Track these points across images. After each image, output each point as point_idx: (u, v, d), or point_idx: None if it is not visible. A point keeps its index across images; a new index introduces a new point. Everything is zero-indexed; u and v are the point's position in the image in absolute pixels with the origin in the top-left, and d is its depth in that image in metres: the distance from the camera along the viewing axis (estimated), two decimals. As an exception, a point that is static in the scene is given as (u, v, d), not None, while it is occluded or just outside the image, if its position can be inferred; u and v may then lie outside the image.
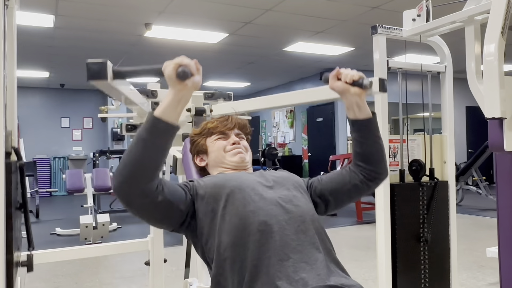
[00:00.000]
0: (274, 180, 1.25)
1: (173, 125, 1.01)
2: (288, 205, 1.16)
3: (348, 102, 1.20)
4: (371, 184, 1.26)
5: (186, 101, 1.03)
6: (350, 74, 1.15)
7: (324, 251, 1.12)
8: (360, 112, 1.21)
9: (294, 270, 1.04)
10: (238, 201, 1.14)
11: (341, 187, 1.27)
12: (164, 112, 1.00)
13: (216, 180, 1.22)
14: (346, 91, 1.17)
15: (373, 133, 1.24)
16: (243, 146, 1.37)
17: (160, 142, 1.01)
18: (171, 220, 1.14)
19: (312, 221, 1.16)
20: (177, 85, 0.99)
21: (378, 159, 1.25)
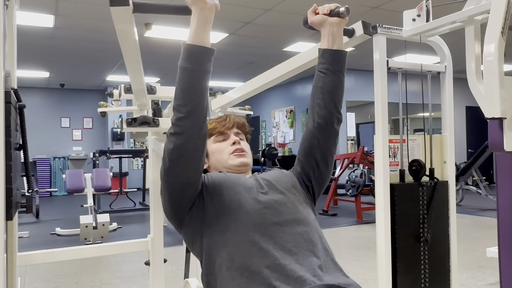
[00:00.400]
0: (269, 183, 1.25)
1: (206, 47, 1.06)
2: (282, 208, 1.16)
3: (324, 31, 1.26)
4: (326, 132, 1.27)
5: (211, 22, 1.07)
6: (327, 6, 1.22)
7: (321, 252, 1.12)
8: (334, 42, 1.25)
9: (290, 270, 1.04)
10: (234, 203, 1.14)
11: (307, 150, 1.28)
12: (194, 37, 1.05)
13: (215, 179, 1.22)
14: (324, 21, 1.23)
15: (340, 66, 1.27)
16: (243, 147, 1.36)
17: (200, 67, 1.06)
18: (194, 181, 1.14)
19: (308, 223, 1.16)
20: (200, 3, 1.03)
21: (336, 96, 1.27)
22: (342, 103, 1.32)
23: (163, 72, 8.76)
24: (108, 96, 2.23)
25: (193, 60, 1.05)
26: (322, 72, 1.27)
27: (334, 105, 1.28)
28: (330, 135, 1.29)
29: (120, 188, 7.24)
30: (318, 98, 1.27)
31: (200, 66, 1.06)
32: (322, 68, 1.27)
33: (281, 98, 11.09)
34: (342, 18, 1.20)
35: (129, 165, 10.75)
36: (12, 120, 0.99)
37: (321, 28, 1.23)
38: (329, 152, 1.31)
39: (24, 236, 5.34)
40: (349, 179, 6.74)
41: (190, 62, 1.05)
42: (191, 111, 1.06)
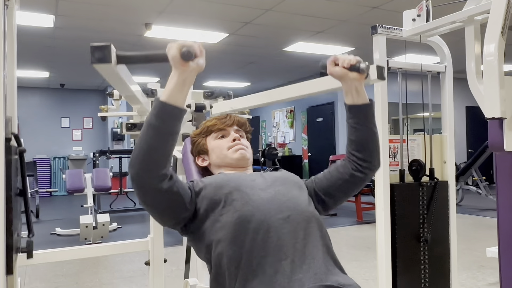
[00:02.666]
0: (273, 180, 1.26)
1: (180, 108, 1.02)
2: (286, 204, 1.16)
3: (346, 87, 1.22)
4: (362, 176, 1.26)
5: (191, 83, 1.03)
6: (347, 59, 1.17)
7: (322, 249, 1.12)
8: (358, 97, 1.22)
9: (291, 269, 1.04)
10: (236, 201, 1.14)
11: (333, 184, 1.27)
12: (170, 95, 1.00)
13: (216, 180, 1.22)
14: (345, 76, 1.18)
15: (369, 119, 1.24)
16: (244, 143, 1.37)
17: (169, 127, 1.01)
18: (176, 214, 1.14)
19: (311, 219, 1.16)
20: (180, 66, 0.98)
21: (371, 148, 1.25)
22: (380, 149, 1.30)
23: (163, 72, 8.76)
24: (108, 96, 2.23)
25: (163, 118, 1.00)
26: (353, 127, 1.25)
27: (375, 156, 1.27)
28: (362, 184, 1.29)
29: (120, 188, 7.24)
30: (354, 151, 1.25)
31: (169, 126, 1.01)
32: (352, 123, 1.24)
33: (281, 98, 11.09)
34: (362, 74, 1.18)
35: (129, 165, 10.74)
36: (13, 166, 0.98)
37: (341, 81, 1.21)
38: (351, 195, 1.33)
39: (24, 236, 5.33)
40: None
41: (159, 119, 1.00)
42: (150, 170, 1.02)
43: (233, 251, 1.08)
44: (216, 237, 1.12)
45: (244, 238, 1.08)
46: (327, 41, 6.64)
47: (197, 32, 6.05)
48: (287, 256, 1.06)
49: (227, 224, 1.11)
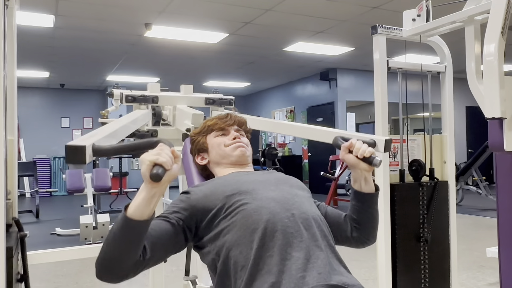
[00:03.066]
0: (276, 179, 1.26)
1: (146, 221, 1.00)
2: (290, 203, 1.16)
3: (356, 175, 1.25)
4: (358, 245, 1.32)
5: (161, 195, 1.02)
6: (361, 150, 1.19)
7: (327, 249, 1.12)
8: (366, 186, 1.26)
9: (296, 268, 1.04)
10: (240, 202, 1.14)
11: (334, 229, 1.28)
12: (136, 210, 0.98)
13: (217, 183, 1.22)
14: (356, 166, 1.21)
15: (373, 206, 1.29)
16: (244, 142, 1.38)
17: (133, 237, 1.00)
18: (173, 251, 1.14)
19: (315, 219, 1.16)
20: (150, 184, 0.97)
21: (371, 229, 1.30)
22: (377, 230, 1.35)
23: (163, 72, 8.76)
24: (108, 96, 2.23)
25: (128, 232, 0.99)
26: (356, 209, 1.28)
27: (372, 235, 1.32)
28: (355, 247, 1.34)
29: (120, 188, 7.24)
30: (354, 227, 1.29)
31: (133, 238, 1.00)
32: (356, 205, 1.28)
33: (281, 98, 11.09)
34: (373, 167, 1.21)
35: (129, 165, 10.75)
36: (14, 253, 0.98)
37: (352, 169, 1.24)
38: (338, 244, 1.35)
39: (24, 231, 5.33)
40: (349, 179, 6.74)
41: (125, 233, 0.99)
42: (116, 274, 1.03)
43: (240, 252, 1.08)
44: (222, 240, 1.12)
45: (250, 238, 1.08)
46: (327, 41, 6.64)
47: (197, 32, 6.06)
48: (292, 256, 1.06)
49: (233, 226, 1.11)
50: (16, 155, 1.44)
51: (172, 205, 1.19)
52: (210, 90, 2.47)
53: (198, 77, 9.41)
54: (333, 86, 9.06)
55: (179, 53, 7.09)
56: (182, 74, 8.98)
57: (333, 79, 8.97)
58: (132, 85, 2.73)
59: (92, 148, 0.98)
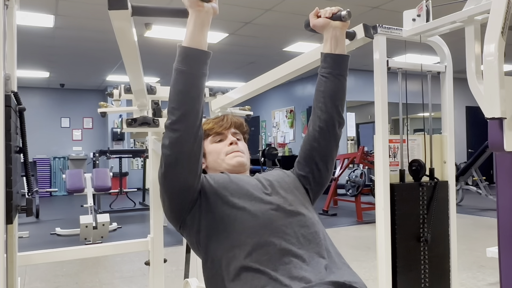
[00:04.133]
0: (271, 184, 1.25)
1: (203, 50, 1.05)
2: (288, 209, 1.16)
3: (327, 35, 1.26)
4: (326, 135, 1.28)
5: (208, 25, 1.05)
6: (328, 9, 1.22)
7: (326, 253, 1.12)
8: (337, 47, 1.26)
9: (295, 272, 1.04)
10: (239, 204, 1.13)
11: (308, 152, 1.28)
12: (191, 39, 1.04)
13: (219, 180, 1.22)
14: (327, 25, 1.23)
15: (342, 71, 1.27)
16: (240, 147, 1.35)
17: (196, 70, 1.05)
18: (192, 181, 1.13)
19: (312, 223, 1.16)
20: (197, 7, 1.01)
21: (337, 100, 1.27)
22: (344, 106, 1.32)
23: (163, 72, 8.76)
24: (108, 96, 2.23)
25: (190, 62, 1.04)
26: (324, 77, 1.27)
27: (336, 109, 1.28)
28: (331, 139, 1.29)
29: (120, 188, 7.24)
30: (320, 102, 1.27)
31: (196, 69, 1.05)
32: (324, 72, 1.27)
33: (281, 98, 11.09)
34: (344, 22, 1.21)
35: (129, 165, 10.75)
36: (12, 123, 0.99)
37: (323, 31, 1.24)
38: (330, 155, 1.31)
39: (24, 236, 5.34)
40: (349, 179, 6.74)
41: (186, 64, 1.04)
42: (186, 114, 1.05)
43: (234, 255, 1.07)
44: (217, 241, 1.11)
45: (245, 242, 1.08)
46: (327, 41, 6.63)
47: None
48: (291, 261, 1.05)
49: (229, 228, 1.11)
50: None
51: None
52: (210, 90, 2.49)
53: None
54: (333, 86, 9.04)
55: (179, 53, 7.07)
56: (182, 74, 8.96)
57: (333, 79, 8.95)
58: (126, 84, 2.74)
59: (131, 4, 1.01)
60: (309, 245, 1.10)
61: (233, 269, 1.06)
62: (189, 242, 1.22)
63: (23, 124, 1.23)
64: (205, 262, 1.15)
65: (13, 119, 1.03)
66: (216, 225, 1.13)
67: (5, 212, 0.94)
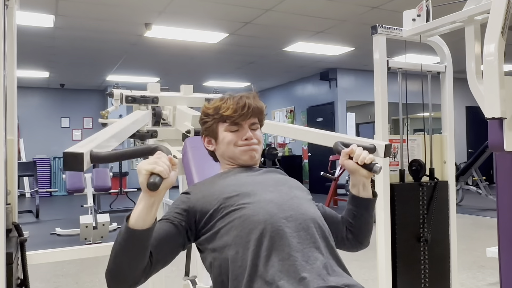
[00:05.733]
0: (275, 180, 1.25)
1: (148, 229, 1.02)
2: (289, 204, 1.16)
3: (355, 180, 1.27)
4: (352, 248, 1.35)
5: (160, 202, 1.04)
6: (362, 156, 1.21)
7: (326, 250, 1.12)
8: (364, 192, 1.28)
9: (294, 270, 1.04)
10: (238, 203, 1.14)
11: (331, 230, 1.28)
12: (138, 220, 1.00)
13: (216, 183, 1.22)
14: (356, 172, 1.23)
15: (370, 212, 1.30)
16: (256, 139, 1.30)
17: (139, 247, 1.03)
18: (179, 251, 1.16)
19: (314, 219, 1.16)
20: (148, 193, 0.99)
21: (365, 233, 1.32)
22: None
23: (163, 72, 8.76)
24: (108, 96, 2.23)
25: (132, 242, 1.02)
26: (352, 213, 1.30)
27: (366, 239, 1.34)
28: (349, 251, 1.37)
29: (120, 188, 7.24)
30: (349, 230, 1.32)
31: (138, 247, 1.03)
32: (352, 209, 1.30)
33: (281, 98, 11.10)
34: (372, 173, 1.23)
35: (129, 165, 10.75)
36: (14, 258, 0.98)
37: (352, 174, 1.27)
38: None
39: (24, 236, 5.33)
40: (349, 179, 6.73)
41: (129, 243, 1.02)
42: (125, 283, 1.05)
43: (236, 253, 1.08)
44: (220, 241, 1.12)
45: (248, 239, 1.08)
46: (327, 41, 6.64)
47: (197, 32, 6.06)
48: (290, 256, 1.06)
49: (230, 226, 1.11)
50: (16, 155, 1.43)
51: (173, 206, 1.19)
52: (210, 90, 2.47)
53: (198, 77, 9.41)
54: (333, 86, 9.06)
55: (179, 53, 7.08)
56: (182, 74, 8.98)
57: (333, 79, 8.97)
58: (132, 85, 2.73)
59: (90, 155, 1.00)
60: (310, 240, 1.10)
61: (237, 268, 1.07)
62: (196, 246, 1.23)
63: (24, 256, 1.25)
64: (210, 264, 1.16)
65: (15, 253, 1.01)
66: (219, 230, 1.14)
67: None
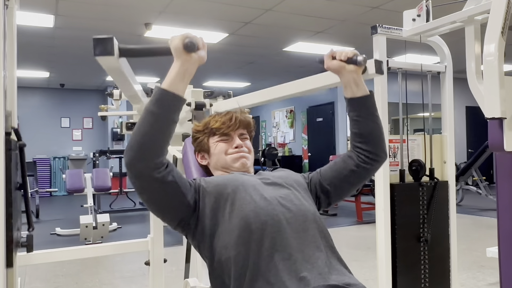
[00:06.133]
0: (274, 179, 1.26)
1: (180, 97, 1.03)
2: (289, 204, 1.16)
3: (345, 80, 1.22)
4: (369, 167, 1.25)
5: (191, 74, 1.04)
6: (344, 52, 1.18)
7: (326, 249, 1.12)
8: (358, 89, 1.23)
9: (295, 269, 1.04)
10: (239, 201, 1.14)
11: (338, 174, 1.27)
12: (171, 84, 1.02)
13: (218, 180, 1.22)
14: (342, 69, 1.20)
15: (371, 111, 1.25)
16: (246, 148, 1.35)
17: (168, 114, 1.02)
18: (176, 209, 1.13)
19: (314, 220, 1.16)
20: (183, 56, 1.01)
21: (376, 139, 1.25)
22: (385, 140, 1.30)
23: (163, 72, 8.74)
24: (108, 96, 2.23)
25: (163, 105, 1.02)
26: (355, 120, 1.25)
27: (380, 147, 1.26)
28: (369, 175, 1.28)
29: (120, 188, 7.24)
30: (359, 143, 1.25)
31: (168, 114, 1.02)
32: (354, 116, 1.25)
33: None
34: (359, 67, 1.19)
35: (129, 165, 10.74)
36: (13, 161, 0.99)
37: (339, 75, 1.22)
38: (359, 186, 1.32)
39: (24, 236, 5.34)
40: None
41: (160, 107, 1.01)
42: (148, 157, 1.02)
43: (238, 253, 1.08)
44: (220, 238, 1.12)
45: (249, 239, 1.08)
46: (327, 41, 6.64)
47: (197, 32, 6.05)
48: (291, 256, 1.06)
49: (231, 225, 1.11)
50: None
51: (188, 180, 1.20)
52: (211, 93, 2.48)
53: (198, 77, 9.41)
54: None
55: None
56: (182, 74, 8.96)
57: (333, 79, 8.95)
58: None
59: (118, 47, 1.00)
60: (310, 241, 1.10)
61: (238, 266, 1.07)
62: (192, 243, 1.22)
63: (23, 160, 1.24)
64: (211, 263, 1.15)
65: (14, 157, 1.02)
66: (218, 224, 1.13)
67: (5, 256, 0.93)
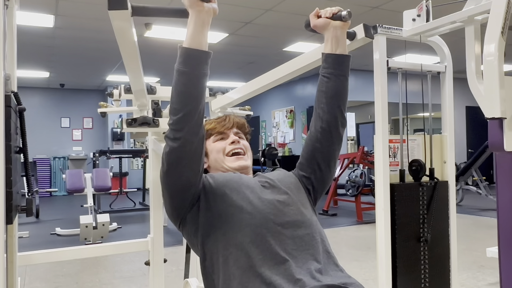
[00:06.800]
0: (272, 183, 1.25)
1: (204, 51, 1.05)
2: (285, 209, 1.16)
3: (327, 36, 1.26)
4: (330, 132, 1.27)
5: (208, 25, 1.06)
6: (329, 9, 1.23)
7: (321, 256, 1.12)
8: (338, 46, 1.26)
9: (290, 274, 1.04)
10: (236, 202, 1.14)
11: (310, 153, 1.28)
12: (191, 40, 1.04)
13: (217, 179, 1.22)
14: (327, 25, 1.24)
15: (344, 71, 1.27)
16: (243, 146, 1.35)
17: (198, 71, 1.05)
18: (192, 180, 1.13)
19: (310, 225, 1.16)
20: (197, 7, 1.02)
21: (340, 99, 1.27)
22: (346, 106, 1.32)
23: (163, 72, 8.76)
24: (108, 96, 2.23)
25: (190, 63, 1.04)
26: (325, 77, 1.26)
27: (339, 109, 1.28)
28: (333, 139, 1.29)
29: (120, 188, 7.24)
30: (321, 102, 1.27)
31: (197, 69, 1.05)
32: (326, 72, 1.26)
33: (281, 98, 11.10)
34: (345, 22, 1.21)
35: (129, 165, 10.75)
36: (12, 123, 0.99)
37: (324, 31, 1.23)
38: (332, 156, 1.31)
39: (24, 236, 5.34)
40: (349, 179, 6.74)
41: (187, 65, 1.04)
42: (188, 115, 1.06)
43: (230, 253, 1.08)
44: (213, 237, 1.12)
45: (243, 241, 1.08)
46: (327, 41, 6.63)
47: (197, 32, 6.05)
48: (286, 260, 1.06)
49: (226, 226, 1.11)
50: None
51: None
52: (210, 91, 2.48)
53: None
54: (333, 86, 9.04)
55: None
56: (182, 74, 8.96)
57: (333, 79, 8.95)
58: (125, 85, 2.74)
59: (131, 4, 1.02)
60: (305, 247, 1.10)
61: (229, 268, 1.07)
62: (187, 241, 1.22)
63: (23, 124, 1.23)
64: (202, 261, 1.15)
65: (13, 119, 1.03)
66: (213, 223, 1.13)
67: (5, 213, 0.94)
